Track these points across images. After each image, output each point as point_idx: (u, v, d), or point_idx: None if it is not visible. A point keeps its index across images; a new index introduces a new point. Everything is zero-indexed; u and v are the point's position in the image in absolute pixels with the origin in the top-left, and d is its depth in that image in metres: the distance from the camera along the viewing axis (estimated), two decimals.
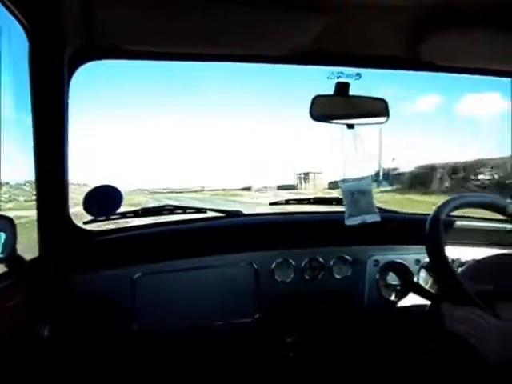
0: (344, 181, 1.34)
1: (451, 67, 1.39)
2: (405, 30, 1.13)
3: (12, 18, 0.96)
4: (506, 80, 1.48)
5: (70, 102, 1.12)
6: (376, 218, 1.33)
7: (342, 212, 1.44)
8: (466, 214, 1.37)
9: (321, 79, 1.35)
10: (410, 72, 1.42)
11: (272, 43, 1.20)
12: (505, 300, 0.98)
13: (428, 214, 1.11)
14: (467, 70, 1.41)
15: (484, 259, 1.12)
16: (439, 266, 1.06)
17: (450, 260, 1.07)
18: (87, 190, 1.22)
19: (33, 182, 1.10)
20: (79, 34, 1.10)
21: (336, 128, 1.34)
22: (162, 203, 1.68)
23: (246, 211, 1.55)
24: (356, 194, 1.33)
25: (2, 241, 0.97)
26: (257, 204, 7.03)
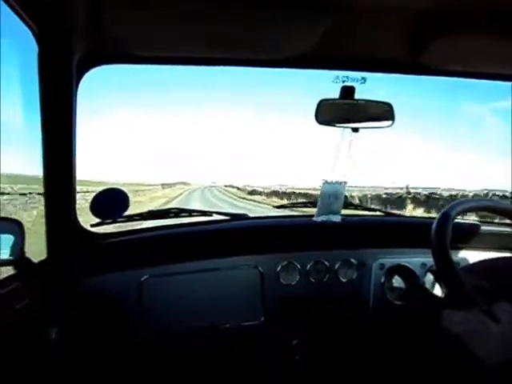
0: (327, 182, 1.38)
1: (455, 71, 1.39)
2: (408, 34, 1.13)
3: (21, 23, 0.98)
4: None
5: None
6: (338, 218, 1.39)
7: (348, 215, 1.45)
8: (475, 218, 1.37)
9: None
10: None
11: (276, 47, 1.20)
12: (501, 298, 0.98)
13: (434, 218, 1.11)
14: (470, 74, 1.41)
15: (488, 259, 1.12)
16: (443, 265, 1.06)
17: (455, 262, 1.07)
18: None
19: None
20: (87, 39, 1.11)
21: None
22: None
23: None
24: (332, 196, 1.38)
25: (11, 243, 0.99)
26: None
